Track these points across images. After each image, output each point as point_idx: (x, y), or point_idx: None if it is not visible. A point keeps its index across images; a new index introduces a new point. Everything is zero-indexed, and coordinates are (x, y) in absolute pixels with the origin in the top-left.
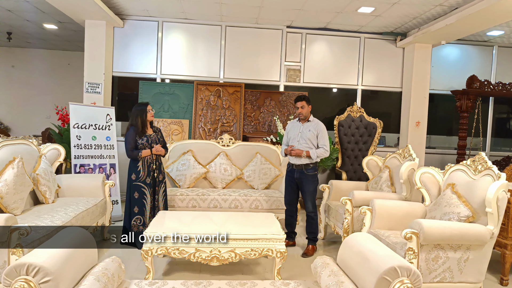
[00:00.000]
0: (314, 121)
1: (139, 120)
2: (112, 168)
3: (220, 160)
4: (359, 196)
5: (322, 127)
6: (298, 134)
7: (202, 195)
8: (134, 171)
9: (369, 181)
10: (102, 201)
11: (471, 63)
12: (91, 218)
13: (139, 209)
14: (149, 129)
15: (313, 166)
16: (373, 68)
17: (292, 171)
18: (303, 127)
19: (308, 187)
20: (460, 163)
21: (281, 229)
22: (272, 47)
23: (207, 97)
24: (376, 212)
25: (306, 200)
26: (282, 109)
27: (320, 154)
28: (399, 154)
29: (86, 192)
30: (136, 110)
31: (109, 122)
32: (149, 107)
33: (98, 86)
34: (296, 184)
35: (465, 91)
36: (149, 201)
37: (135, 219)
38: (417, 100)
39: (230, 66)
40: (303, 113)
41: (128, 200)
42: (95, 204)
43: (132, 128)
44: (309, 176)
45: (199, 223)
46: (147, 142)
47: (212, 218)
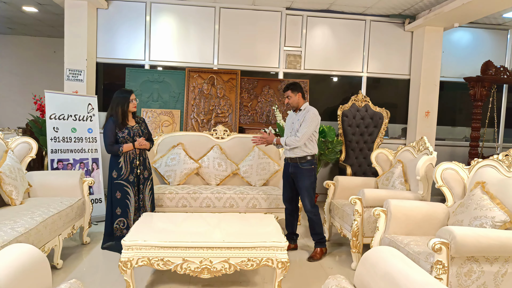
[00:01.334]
0: (305, 110)
1: (119, 110)
2: (95, 163)
3: (214, 154)
4: (370, 195)
5: (309, 114)
6: (291, 126)
7: (194, 193)
8: (115, 168)
9: (378, 177)
10: (79, 201)
11: (483, 48)
12: (64, 222)
13: (122, 210)
14: (131, 120)
15: (309, 159)
16: (379, 54)
17: (288, 165)
18: (295, 117)
19: (303, 183)
20: (490, 158)
21: (282, 235)
22: (270, 30)
23: (200, 85)
24: (392, 214)
25: (303, 197)
26: (282, 98)
27: (289, 142)
28: (412, 147)
29: (62, 191)
30: (117, 98)
31: (91, 112)
32: (133, 95)
33: (81, 73)
34: (290, 179)
35: (480, 78)
36: (133, 201)
37: (117, 222)
38: (427, 88)
39: (224, 52)
40: (290, 103)
41: (109, 201)
42: (70, 205)
43: (111, 120)
44: (304, 170)
45: (188, 227)
46: (128, 135)
47: (204, 221)
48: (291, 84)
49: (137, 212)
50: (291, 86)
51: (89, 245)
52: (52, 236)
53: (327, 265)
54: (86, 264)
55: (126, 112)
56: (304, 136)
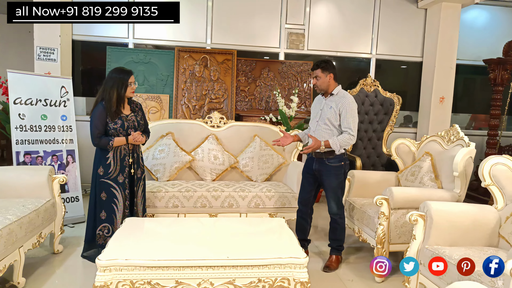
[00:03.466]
0: (339, 95)
1: (113, 94)
2: (70, 155)
3: (209, 145)
4: (400, 195)
5: (347, 102)
6: (318, 113)
7: (186, 191)
8: (102, 164)
9: (400, 171)
10: (48, 203)
11: (500, 28)
12: (27, 230)
13: (107, 215)
14: (126, 107)
15: (338, 155)
16: (390, 34)
17: (311, 161)
18: (325, 102)
19: (330, 182)
20: None
21: (299, 246)
22: (270, 6)
23: (191, 67)
24: (434, 220)
25: (328, 198)
26: (283, 82)
27: (344, 142)
28: (440, 137)
29: (26, 191)
30: (112, 79)
31: (64, 96)
32: (133, 78)
33: (53, 51)
34: (314, 177)
35: (501, 60)
36: (121, 205)
37: (101, 228)
38: (442, 72)
39: (219, 29)
40: (319, 85)
41: (92, 201)
42: (35, 209)
43: (101, 105)
44: (331, 168)
45: (181, 238)
46: (122, 127)
47: (200, 228)
48: (322, 62)
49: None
50: (322, 64)
51: (61, 254)
52: (9, 251)
53: (346, 276)
54: (58, 279)
55: (122, 98)
56: (356, 130)
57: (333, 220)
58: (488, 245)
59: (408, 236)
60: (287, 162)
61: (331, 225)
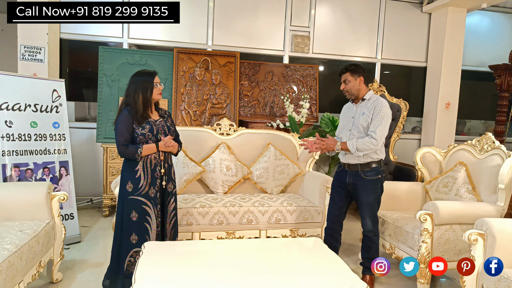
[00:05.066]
0: (371, 100)
1: (139, 97)
2: (64, 167)
3: (221, 154)
4: (445, 210)
5: (380, 106)
6: (350, 121)
7: (201, 206)
8: (130, 179)
9: (428, 182)
10: (48, 226)
11: (502, 34)
12: (27, 260)
13: (139, 238)
14: (154, 112)
15: (375, 167)
16: (394, 38)
17: (343, 173)
18: (357, 109)
19: (366, 197)
20: None
21: (353, 273)
22: (274, 6)
23: (191, 70)
24: (497, 240)
25: (364, 214)
26: (287, 86)
27: (363, 145)
28: (471, 146)
29: (20, 211)
30: (135, 82)
31: (57, 101)
32: (157, 78)
33: (40, 51)
34: (346, 191)
35: (508, 66)
36: (154, 224)
37: (132, 254)
38: (448, 77)
39: (220, 30)
40: (348, 90)
41: (119, 224)
42: (35, 234)
43: (126, 111)
44: (367, 181)
45: (219, 267)
46: (151, 132)
47: (234, 254)
48: (351, 65)
49: (159, 239)
50: (352, 68)
51: (61, 283)
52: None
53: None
54: None
55: (149, 101)
56: (382, 135)
57: (367, 238)
58: None
59: (452, 253)
60: (303, 172)
61: (365, 243)
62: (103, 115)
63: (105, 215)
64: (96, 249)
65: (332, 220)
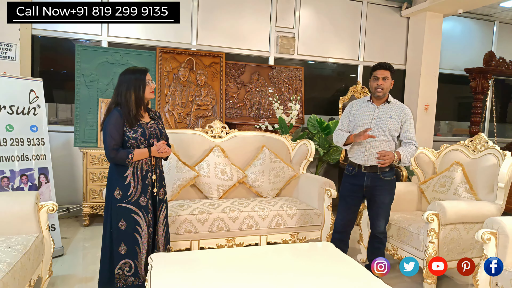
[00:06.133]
0: (397, 104)
1: (131, 96)
2: (43, 174)
3: (215, 158)
4: (453, 211)
5: (409, 113)
6: (371, 121)
7: (200, 213)
8: (118, 185)
9: (423, 182)
10: (37, 240)
11: (471, 39)
12: (20, 281)
13: (128, 248)
14: (145, 114)
15: (392, 167)
16: (375, 41)
17: (358, 176)
18: (379, 110)
19: (383, 198)
20: None
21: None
22: (259, 6)
23: (175, 70)
24: (510, 238)
25: (378, 216)
26: (273, 88)
27: (411, 156)
28: (464, 146)
29: (4, 224)
30: (126, 80)
31: (34, 102)
32: (149, 76)
33: (11, 48)
34: (360, 195)
35: (482, 70)
36: (145, 234)
37: (121, 266)
38: (427, 80)
39: (205, 30)
40: (385, 87)
41: (108, 234)
42: (26, 250)
43: (116, 111)
44: (386, 182)
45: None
46: (143, 136)
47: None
48: (391, 65)
49: (149, 251)
50: (392, 68)
51: None
52: None
53: None
54: None
55: (142, 100)
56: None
57: (378, 239)
58: None
59: (456, 253)
60: (298, 174)
61: (374, 245)
62: (81, 117)
63: (85, 224)
64: (81, 262)
65: (344, 225)
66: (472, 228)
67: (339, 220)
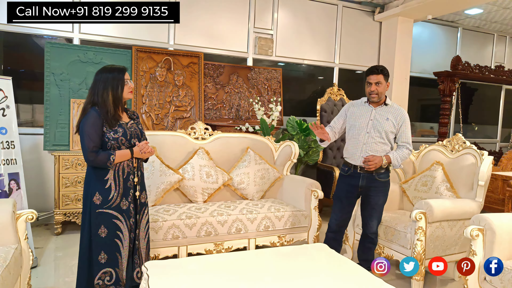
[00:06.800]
0: (394, 106)
1: (109, 95)
2: (14, 180)
3: (200, 160)
4: (439, 208)
5: (406, 115)
6: (368, 123)
7: (188, 217)
8: (98, 190)
9: (405, 181)
10: (16, 251)
11: (436, 44)
12: None
13: (109, 256)
14: (123, 114)
15: (387, 168)
16: (350, 44)
17: (354, 177)
18: (376, 112)
19: (378, 199)
20: None
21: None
22: (237, 7)
23: (152, 70)
24: (496, 234)
25: (372, 217)
26: (252, 89)
27: (403, 158)
28: (443, 146)
29: None
30: (102, 79)
31: (3, 102)
32: (127, 75)
33: None
34: (355, 195)
35: (450, 73)
36: (126, 240)
37: (101, 275)
38: (399, 82)
39: (182, 29)
40: (380, 92)
41: (86, 243)
42: (6, 264)
43: (94, 111)
44: (381, 184)
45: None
46: (124, 136)
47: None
48: (384, 68)
49: (131, 258)
50: (385, 71)
51: None
52: None
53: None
54: None
55: (120, 100)
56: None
57: (370, 239)
58: None
59: (440, 250)
60: (282, 176)
61: (366, 245)
62: (52, 119)
63: (57, 233)
64: (57, 274)
65: (339, 224)
66: (455, 225)
67: (334, 219)
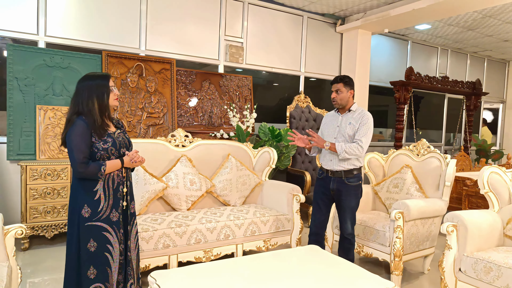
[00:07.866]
0: (358, 111)
1: (95, 105)
2: None
3: (183, 168)
4: (415, 208)
5: (366, 117)
6: (335, 129)
7: (178, 226)
8: (86, 202)
9: (377, 183)
10: (8, 270)
11: (388, 56)
12: None
13: (99, 271)
14: (110, 123)
15: (357, 174)
16: (314, 54)
17: (326, 180)
18: (343, 118)
19: (349, 202)
20: None
21: (374, 274)
22: (208, 14)
23: (123, 76)
24: (468, 229)
25: (345, 219)
26: (224, 96)
27: (350, 150)
28: (409, 150)
29: None
30: (86, 88)
31: None
32: (112, 82)
33: None
34: (329, 197)
35: (404, 83)
36: (117, 252)
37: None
38: (359, 91)
39: (154, 35)
40: (339, 100)
41: (75, 257)
42: (4, 285)
43: (81, 121)
44: (351, 187)
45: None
46: (113, 146)
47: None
48: (345, 77)
49: (122, 271)
50: (346, 79)
51: None
52: None
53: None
54: None
55: (106, 108)
56: (367, 144)
57: (347, 240)
58: (499, 245)
59: (415, 246)
60: (262, 181)
61: (344, 246)
62: (15, 126)
63: (24, 248)
64: None
65: (318, 226)
66: (427, 223)
67: (313, 222)
